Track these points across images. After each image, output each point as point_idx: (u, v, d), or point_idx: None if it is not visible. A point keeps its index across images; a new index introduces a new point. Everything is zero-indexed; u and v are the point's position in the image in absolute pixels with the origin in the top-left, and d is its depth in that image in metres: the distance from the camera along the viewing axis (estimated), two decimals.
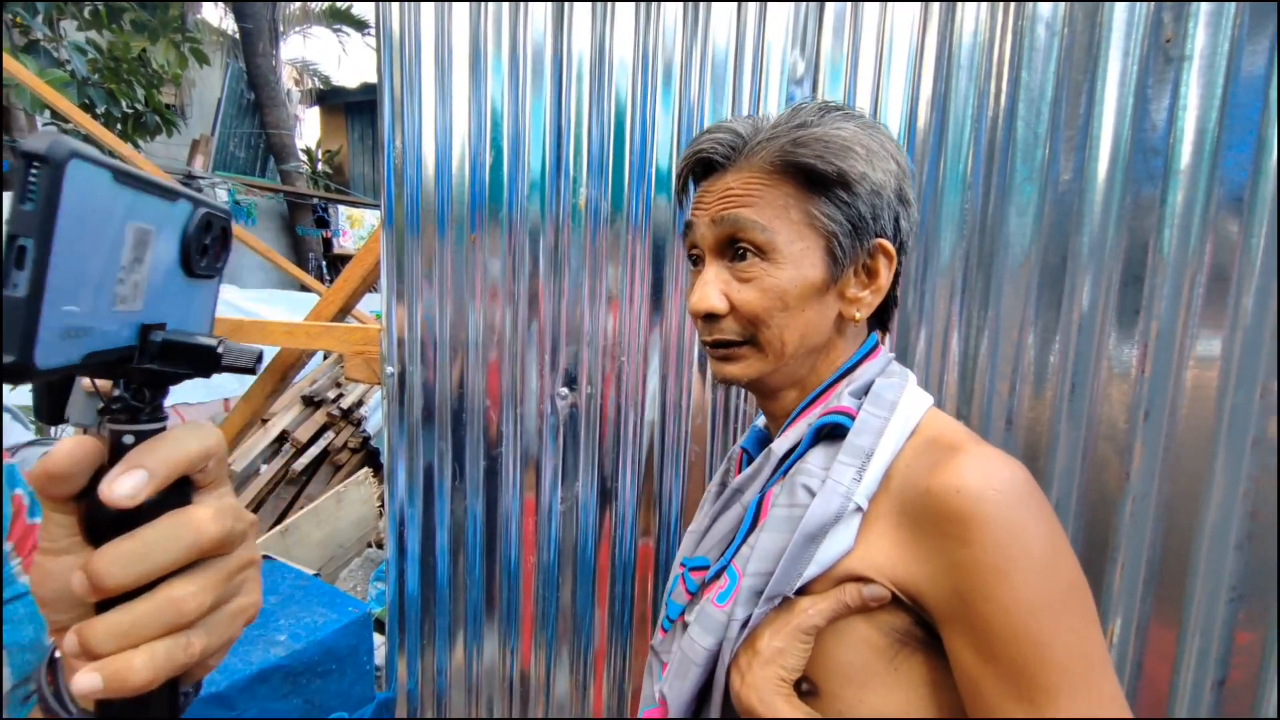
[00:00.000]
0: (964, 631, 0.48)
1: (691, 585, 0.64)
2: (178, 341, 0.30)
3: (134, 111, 6.76)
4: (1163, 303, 0.93)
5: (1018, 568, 0.46)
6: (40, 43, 5.99)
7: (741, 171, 0.59)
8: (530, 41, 1.28)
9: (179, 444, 0.30)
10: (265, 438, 3.77)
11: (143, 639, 0.28)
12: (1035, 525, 0.48)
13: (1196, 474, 0.93)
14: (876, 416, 0.57)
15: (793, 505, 0.56)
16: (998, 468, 0.50)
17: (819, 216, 0.57)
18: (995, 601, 0.46)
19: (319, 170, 11.39)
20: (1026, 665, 0.46)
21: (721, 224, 0.59)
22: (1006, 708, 0.47)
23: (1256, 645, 0.93)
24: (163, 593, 0.29)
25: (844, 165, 0.55)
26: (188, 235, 0.31)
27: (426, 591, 1.53)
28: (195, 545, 0.30)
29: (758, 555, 0.56)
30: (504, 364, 1.39)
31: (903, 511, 0.53)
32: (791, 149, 0.56)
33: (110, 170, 0.25)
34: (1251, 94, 0.86)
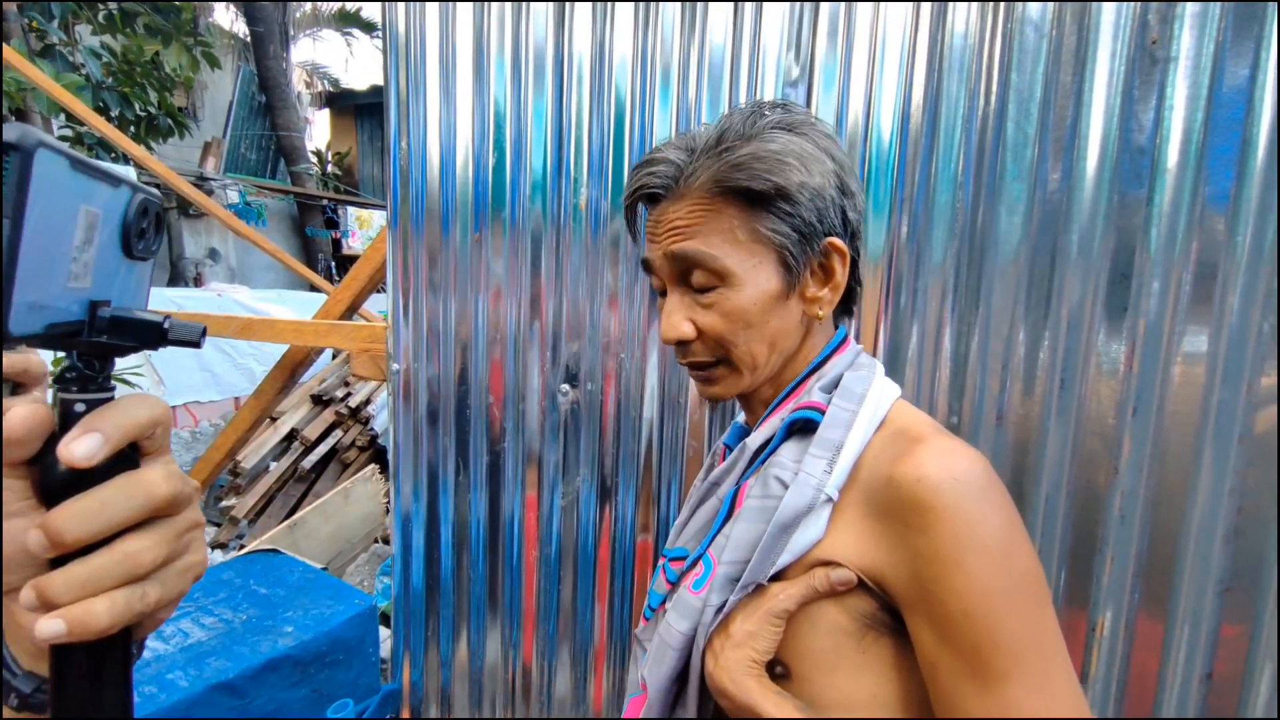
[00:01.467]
0: (924, 616, 0.50)
1: (671, 575, 0.66)
2: (125, 317, 0.32)
3: (147, 114, 6.85)
4: (1150, 300, 0.94)
5: (973, 556, 0.48)
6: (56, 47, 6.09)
7: (684, 200, 0.59)
8: (532, 42, 1.31)
9: (130, 411, 0.32)
10: (274, 435, 3.82)
11: (101, 589, 0.30)
12: (992, 514, 0.50)
13: (1184, 469, 0.95)
14: (845, 410, 0.58)
15: (766, 497, 0.58)
16: (957, 458, 0.51)
17: (765, 232, 0.58)
18: (951, 588, 0.48)
19: (328, 172, 11.48)
20: (980, 649, 0.47)
21: (674, 259, 0.60)
22: (962, 689, 0.48)
23: (1243, 638, 0.95)
24: (119, 546, 0.31)
25: (780, 180, 0.56)
26: (128, 219, 0.33)
27: (431, 585, 1.56)
28: (148, 503, 0.32)
29: (732, 544, 0.58)
30: (507, 361, 1.42)
31: (869, 501, 0.54)
32: (727, 174, 0.57)
33: (68, 158, 0.28)
34: (1236, 95, 0.87)
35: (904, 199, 1.06)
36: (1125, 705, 1.01)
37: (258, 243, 4.21)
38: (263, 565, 1.85)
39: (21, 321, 0.27)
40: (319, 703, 1.55)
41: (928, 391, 1.08)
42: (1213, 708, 0.97)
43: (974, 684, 0.48)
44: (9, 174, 0.25)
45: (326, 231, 10.10)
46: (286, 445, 3.88)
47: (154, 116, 6.91)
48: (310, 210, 10.05)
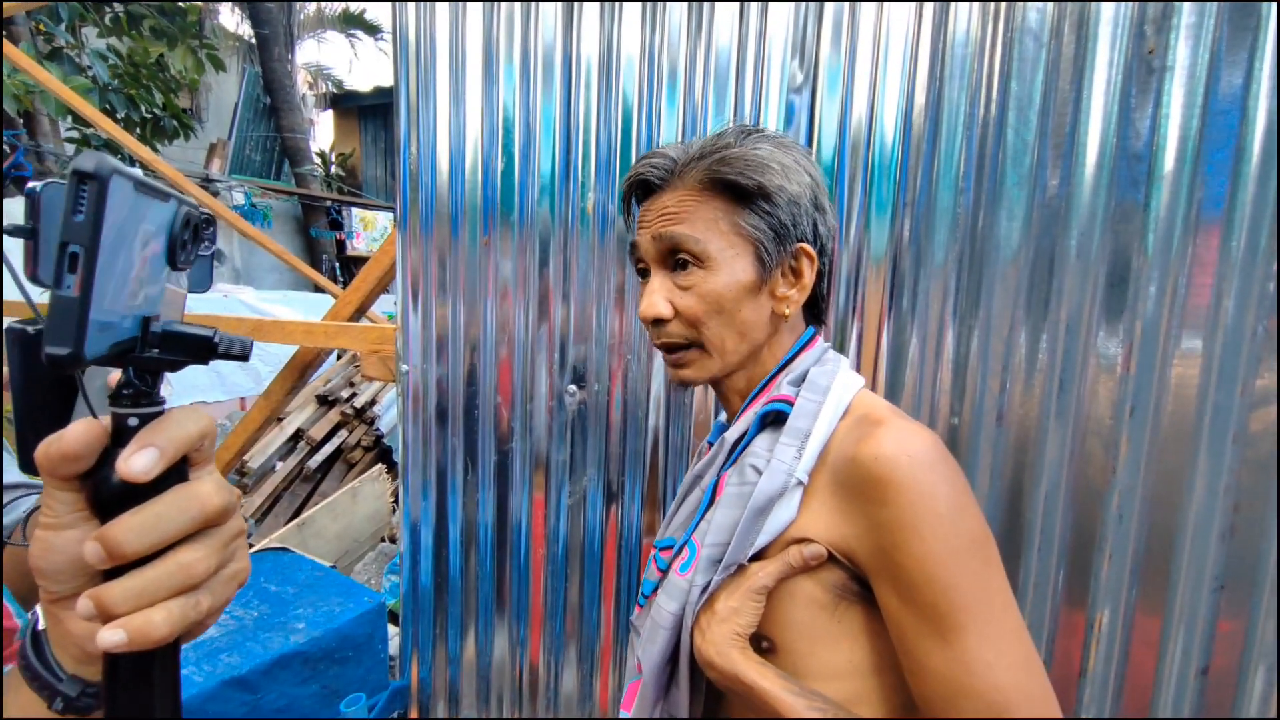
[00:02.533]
0: (888, 581, 0.56)
1: (662, 563, 0.71)
2: (177, 331, 0.33)
3: (153, 116, 6.88)
4: (1147, 303, 0.96)
5: (928, 523, 0.53)
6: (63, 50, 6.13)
7: (676, 191, 0.66)
8: (540, 45, 1.33)
9: (182, 425, 0.33)
10: (281, 436, 3.85)
11: (156, 599, 0.31)
12: (942, 486, 0.55)
13: (1180, 468, 0.97)
14: (811, 400, 0.64)
15: (742, 484, 0.63)
16: (911, 437, 0.57)
17: (745, 226, 0.64)
18: (910, 553, 0.53)
19: (332, 173, 11.52)
20: (938, 607, 0.53)
21: (661, 240, 0.66)
22: (924, 645, 0.54)
23: (1238, 633, 0.97)
24: (174, 558, 0.32)
25: (763, 179, 0.63)
26: (174, 233, 0.33)
27: (439, 584, 1.58)
28: (202, 515, 0.33)
29: (714, 528, 0.63)
30: (515, 362, 1.44)
31: (835, 480, 0.60)
32: (717, 168, 0.64)
33: (133, 181, 0.29)
34: (1230, 103, 0.89)
35: (906, 202, 1.08)
36: (1123, 700, 1.03)
37: (263, 244, 4.24)
38: (273, 563, 1.87)
39: (93, 344, 0.27)
40: (328, 699, 1.57)
41: (929, 392, 1.10)
42: (1209, 703, 0.99)
43: (934, 640, 0.53)
44: (85, 203, 0.26)
45: (331, 232, 10.14)
46: (292, 445, 3.91)
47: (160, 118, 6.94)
48: (314, 211, 10.08)
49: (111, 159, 0.27)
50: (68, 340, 0.26)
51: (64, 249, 0.26)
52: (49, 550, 0.32)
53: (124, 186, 0.28)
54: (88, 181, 0.26)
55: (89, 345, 0.27)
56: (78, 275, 0.26)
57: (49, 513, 0.32)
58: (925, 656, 0.54)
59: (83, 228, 0.26)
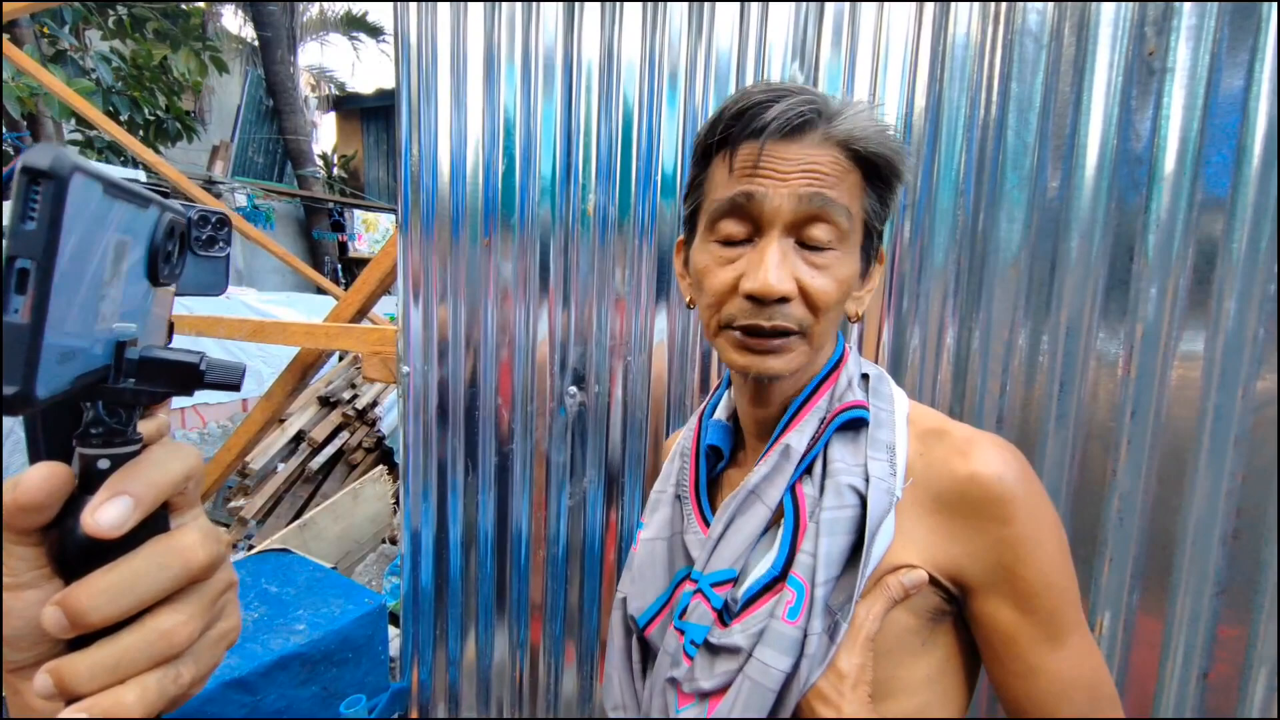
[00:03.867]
0: (1003, 595, 0.55)
1: (716, 601, 0.58)
2: (156, 358, 0.27)
3: (156, 118, 6.92)
4: (1148, 305, 0.96)
5: (1047, 534, 0.55)
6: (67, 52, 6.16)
7: (824, 147, 0.53)
8: (541, 47, 1.33)
9: (161, 467, 0.28)
10: (282, 437, 3.85)
11: (131, 673, 0.26)
12: (1044, 495, 0.56)
13: (1181, 471, 0.96)
14: (884, 410, 0.60)
15: (842, 506, 0.55)
16: (1014, 452, 0.57)
17: (869, 212, 0.56)
18: (1035, 565, 0.54)
19: (335, 175, 11.55)
20: (1056, 611, 0.54)
21: (809, 202, 0.52)
22: (1039, 651, 0.54)
23: (1240, 638, 0.96)
24: (150, 624, 0.27)
25: (904, 169, 0.56)
26: (156, 243, 0.29)
27: (440, 585, 1.58)
28: (184, 573, 0.28)
29: (823, 563, 0.54)
30: (515, 364, 1.44)
31: (935, 498, 0.56)
32: (881, 139, 0.53)
33: (102, 182, 0.24)
34: (1231, 104, 0.89)
35: (907, 204, 1.08)
36: (1124, 705, 1.03)
37: (266, 245, 4.25)
38: (273, 564, 1.88)
39: (50, 380, 0.22)
40: (328, 700, 1.57)
41: (929, 393, 1.09)
42: (1210, 707, 0.98)
43: (1050, 643, 0.54)
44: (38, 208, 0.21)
45: (333, 234, 10.16)
46: (294, 446, 3.91)
47: (163, 120, 6.98)
48: (316, 213, 10.11)
49: (72, 154, 0.22)
50: (15, 377, 0.21)
51: (10, 264, 0.21)
52: (5, 614, 0.27)
53: (89, 187, 0.23)
54: (41, 181, 0.21)
55: (43, 381, 0.22)
56: (28, 297, 0.21)
57: (6, 570, 0.27)
58: (1040, 659, 0.54)
59: (34, 238, 0.21)
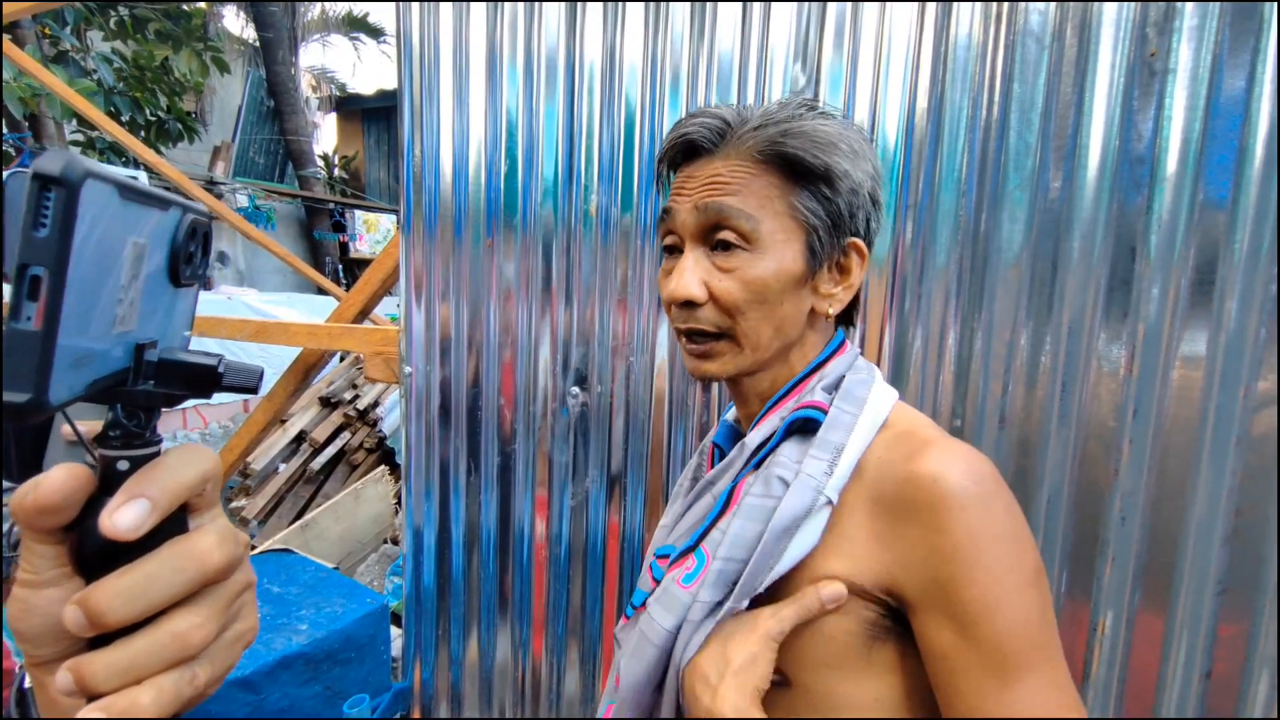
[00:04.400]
0: (943, 614, 0.50)
1: (658, 573, 0.63)
2: (174, 360, 0.28)
3: (157, 119, 6.93)
4: (1150, 305, 0.96)
5: (992, 553, 0.49)
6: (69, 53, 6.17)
7: (729, 158, 0.58)
8: (544, 47, 1.33)
9: (178, 470, 0.28)
10: (284, 437, 3.86)
11: (146, 675, 0.27)
12: (1004, 514, 0.51)
13: (1183, 471, 0.97)
14: (846, 413, 0.58)
15: (766, 496, 0.57)
16: (970, 460, 0.52)
17: (801, 209, 0.57)
18: (974, 585, 0.48)
19: (335, 176, 11.56)
20: (1001, 645, 0.48)
21: (705, 211, 0.57)
22: (984, 686, 0.48)
23: (1241, 637, 0.96)
24: (165, 626, 0.28)
25: (830, 160, 0.56)
26: (177, 245, 0.29)
27: (442, 585, 1.59)
28: (200, 575, 0.28)
29: (729, 540, 0.56)
30: (518, 364, 1.45)
31: (878, 502, 0.54)
32: (781, 139, 0.56)
33: (116, 186, 0.24)
34: (1232, 105, 0.89)
35: (909, 204, 1.08)
36: (1125, 704, 1.03)
37: (267, 246, 4.25)
38: (276, 564, 1.88)
39: (63, 386, 0.23)
40: (331, 700, 1.57)
41: (932, 393, 1.10)
42: (1211, 707, 0.99)
43: (993, 680, 0.48)
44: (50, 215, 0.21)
45: (334, 235, 10.17)
46: (295, 447, 3.91)
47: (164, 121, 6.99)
48: (318, 214, 10.12)
49: (85, 160, 0.22)
50: (27, 384, 0.21)
51: (23, 272, 0.21)
52: (27, 611, 0.28)
53: (102, 192, 0.23)
54: (52, 188, 0.21)
55: (56, 388, 0.22)
56: (40, 304, 0.21)
57: (27, 568, 0.28)
58: (980, 698, 0.48)
59: (47, 245, 0.21)
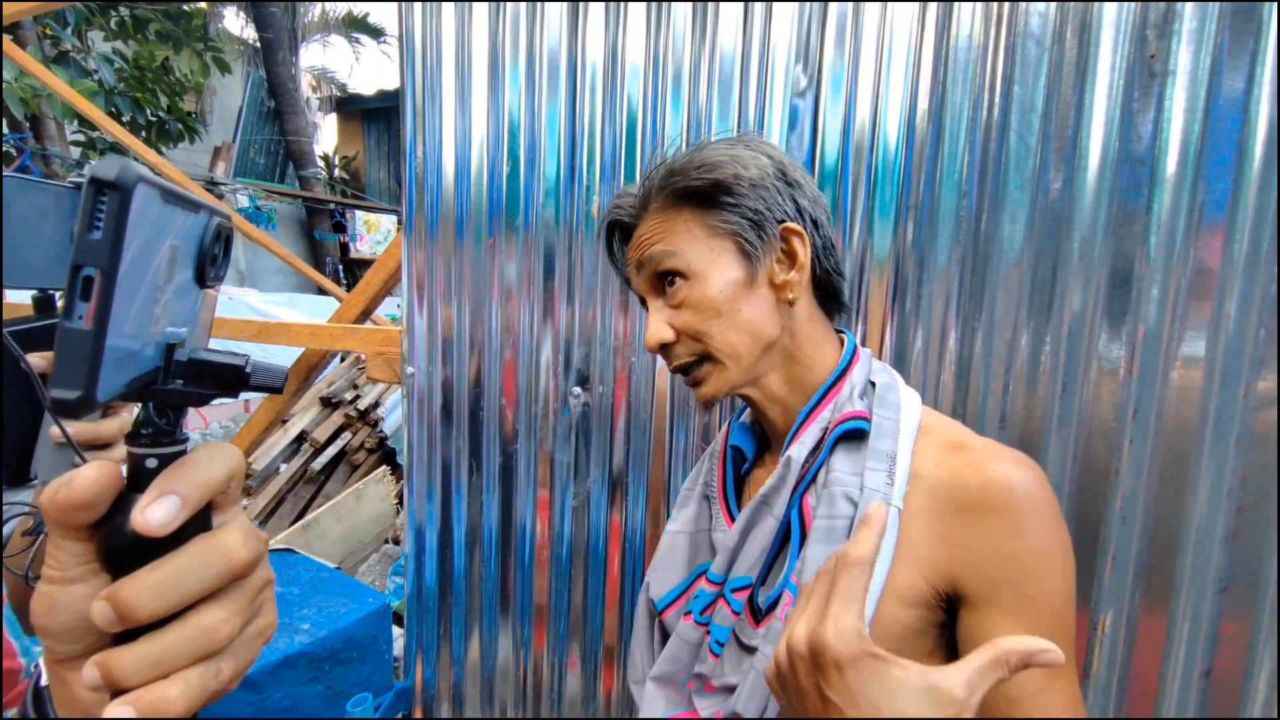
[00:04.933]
0: (1008, 613, 0.53)
1: (737, 605, 0.63)
2: (204, 360, 0.29)
3: (158, 119, 6.93)
4: (1150, 306, 0.97)
5: (1060, 558, 0.54)
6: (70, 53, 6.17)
7: (647, 220, 0.67)
8: (546, 47, 1.34)
9: (206, 467, 0.29)
10: (285, 437, 3.86)
11: (174, 669, 0.27)
12: (1063, 524, 0.55)
13: (1183, 470, 0.97)
14: (888, 419, 0.61)
15: (834, 516, 0.58)
16: (1030, 467, 0.56)
17: (718, 224, 0.63)
18: (1044, 587, 0.52)
19: (336, 176, 11.56)
20: (1059, 643, 0.51)
21: (644, 265, 0.66)
22: (1033, 679, 0.52)
23: (1243, 636, 0.97)
24: (193, 620, 0.28)
25: (714, 175, 0.62)
26: (204, 247, 0.29)
27: (444, 585, 1.59)
28: (227, 571, 0.29)
29: (809, 567, 0.58)
30: (519, 364, 1.45)
31: (942, 506, 0.57)
32: (670, 180, 0.64)
33: (160, 190, 0.25)
34: (1232, 107, 0.90)
35: (909, 205, 1.09)
36: (1126, 703, 1.03)
37: (268, 246, 4.25)
38: (277, 564, 1.88)
39: (108, 383, 0.23)
40: (333, 699, 1.58)
41: (933, 394, 1.10)
42: (1212, 705, 0.99)
43: (1044, 675, 0.52)
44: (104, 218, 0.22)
45: (334, 235, 10.18)
46: (296, 447, 3.92)
47: (165, 121, 6.98)
48: (318, 214, 10.13)
49: (136, 165, 0.23)
50: (76, 382, 0.22)
51: (77, 272, 0.22)
52: (54, 608, 0.28)
53: (150, 197, 0.24)
54: (107, 192, 0.22)
55: (103, 385, 0.23)
56: (91, 304, 0.22)
57: (54, 564, 0.28)
58: (1036, 689, 0.52)
59: (100, 247, 0.22)
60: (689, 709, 0.67)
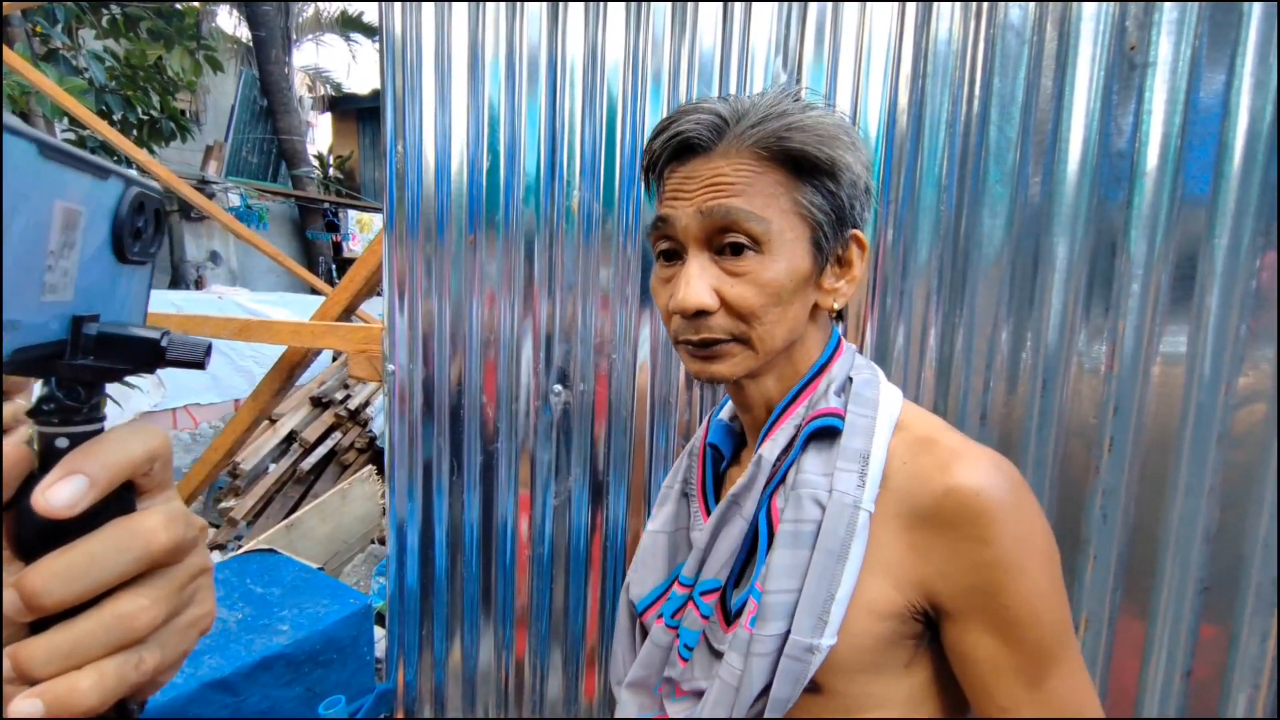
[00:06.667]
0: (983, 621, 0.51)
1: (705, 609, 0.61)
2: (115, 334, 0.27)
3: (150, 118, 6.89)
4: (1130, 301, 0.96)
5: (1033, 560, 0.51)
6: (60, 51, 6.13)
7: (728, 157, 0.55)
8: (526, 45, 1.32)
9: (120, 445, 0.27)
10: (274, 437, 3.84)
11: (89, 659, 0.26)
12: (1038, 520, 0.52)
13: (1164, 469, 0.96)
14: (863, 416, 0.57)
15: (799, 520, 0.55)
16: (1002, 468, 0.53)
17: (807, 205, 0.55)
18: (1018, 592, 0.50)
19: (330, 175, 11.53)
20: (1042, 644, 0.50)
21: (711, 215, 0.54)
22: (1018, 685, 0.51)
23: (1223, 637, 0.96)
24: (109, 608, 0.26)
25: (835, 154, 0.55)
26: (120, 217, 0.28)
27: (425, 586, 1.57)
28: (145, 556, 0.27)
29: (775, 572, 0.55)
30: (500, 362, 1.44)
31: (911, 513, 0.54)
32: (786, 134, 0.54)
33: (36, 143, 0.23)
34: (1212, 99, 0.89)
35: (889, 201, 1.08)
36: (1107, 703, 1.02)
37: (258, 246, 4.23)
38: (259, 565, 1.86)
39: None
40: (312, 701, 1.56)
41: (914, 390, 1.09)
42: (1193, 706, 0.98)
43: (1030, 680, 0.50)
44: None
45: (327, 235, 10.14)
46: (285, 447, 3.89)
47: (156, 120, 6.95)
48: (311, 213, 10.08)
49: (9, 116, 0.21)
50: None
51: None
52: None
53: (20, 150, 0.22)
54: None
55: None
56: None
57: None
58: (1023, 695, 0.50)
59: None
60: (662, 713, 0.64)
